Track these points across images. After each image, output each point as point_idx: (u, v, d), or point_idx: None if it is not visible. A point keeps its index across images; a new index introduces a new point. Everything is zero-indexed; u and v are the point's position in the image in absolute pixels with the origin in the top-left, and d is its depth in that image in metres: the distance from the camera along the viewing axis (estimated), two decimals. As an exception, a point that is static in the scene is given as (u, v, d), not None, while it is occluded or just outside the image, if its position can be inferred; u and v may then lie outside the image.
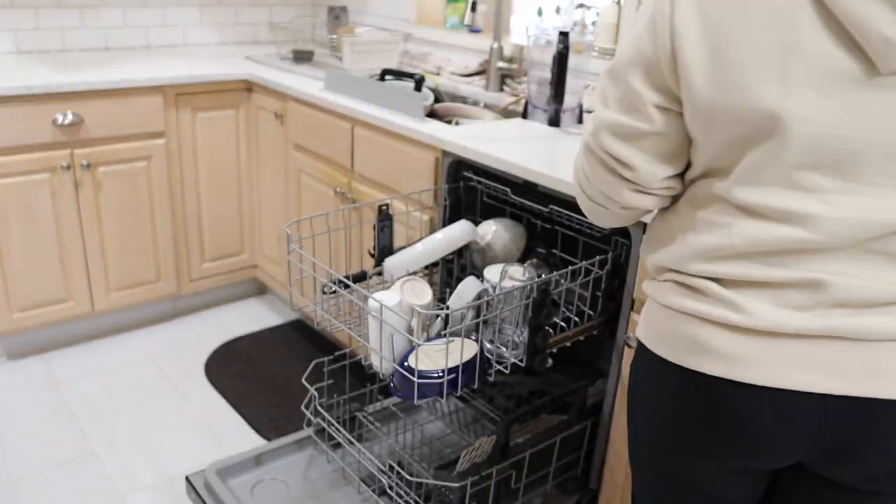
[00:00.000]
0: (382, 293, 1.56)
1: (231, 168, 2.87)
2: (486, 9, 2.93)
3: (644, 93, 0.95)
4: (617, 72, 0.98)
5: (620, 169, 1.01)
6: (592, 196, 1.08)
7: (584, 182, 1.08)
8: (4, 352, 2.66)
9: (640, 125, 0.97)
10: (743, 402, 0.95)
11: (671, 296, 1.01)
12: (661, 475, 1.13)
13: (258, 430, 2.34)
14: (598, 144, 1.01)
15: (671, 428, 1.05)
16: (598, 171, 1.04)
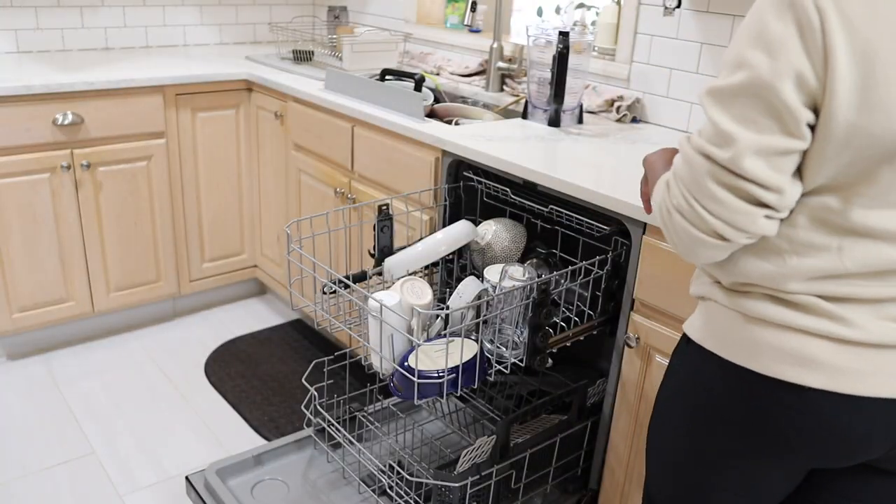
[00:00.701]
0: (382, 293, 1.56)
1: (231, 168, 2.87)
2: (486, 9, 2.93)
3: (798, 110, 0.88)
4: (762, 85, 0.89)
5: (764, 195, 0.92)
6: (707, 231, 0.96)
7: (697, 218, 0.96)
8: (4, 352, 2.66)
9: (796, 144, 0.90)
10: (840, 411, 0.97)
11: (765, 308, 0.99)
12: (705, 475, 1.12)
13: (258, 430, 2.34)
14: (740, 170, 0.91)
15: (743, 435, 1.04)
16: (728, 202, 0.93)
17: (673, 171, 1.00)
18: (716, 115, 0.93)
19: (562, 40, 2.05)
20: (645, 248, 1.54)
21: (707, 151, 0.93)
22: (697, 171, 0.95)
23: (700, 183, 0.94)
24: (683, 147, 0.98)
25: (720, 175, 0.93)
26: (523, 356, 1.55)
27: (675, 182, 0.99)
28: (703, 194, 0.94)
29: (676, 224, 0.99)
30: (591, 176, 1.68)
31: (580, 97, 2.17)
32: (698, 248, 0.99)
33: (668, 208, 1.00)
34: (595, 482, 1.80)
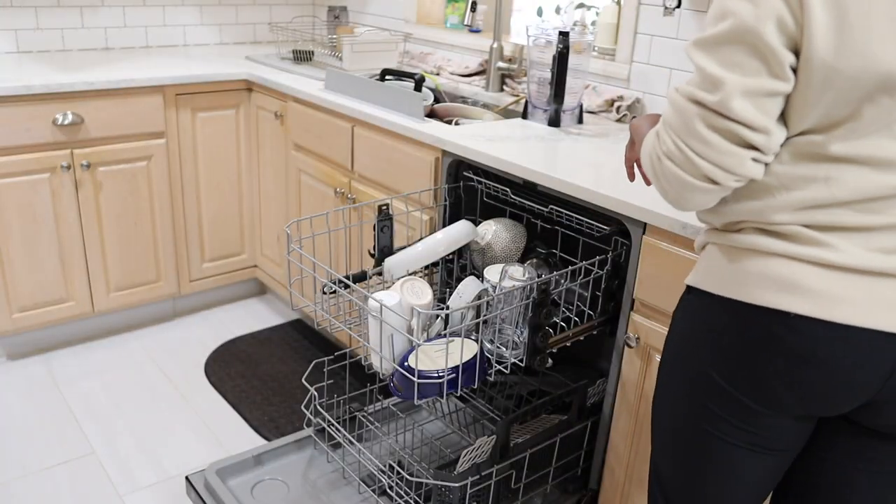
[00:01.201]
0: (382, 293, 1.56)
1: (231, 168, 2.88)
2: (486, 9, 2.93)
3: (781, 52, 0.92)
4: (746, 30, 0.92)
5: (752, 136, 0.95)
6: (697, 176, 0.99)
7: (686, 162, 0.99)
8: (4, 352, 2.66)
9: (781, 86, 0.94)
10: (826, 340, 0.97)
11: (753, 239, 1.01)
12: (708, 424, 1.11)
13: (258, 430, 2.34)
14: (728, 112, 0.94)
15: (737, 372, 1.05)
16: (717, 143, 0.96)
17: (662, 119, 1.03)
18: (703, 62, 0.96)
19: (562, 40, 2.05)
20: (645, 248, 1.54)
21: (696, 97, 0.97)
22: (687, 116, 0.98)
23: (690, 127, 0.97)
24: (672, 96, 1.01)
25: (709, 118, 0.96)
26: (523, 356, 1.55)
27: (664, 130, 1.02)
28: (693, 137, 0.97)
29: (667, 170, 1.01)
30: (591, 176, 1.68)
31: (580, 97, 2.17)
32: (689, 194, 1.01)
33: (657, 155, 1.03)
34: (595, 482, 1.80)
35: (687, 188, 1.01)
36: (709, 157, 0.97)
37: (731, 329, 1.04)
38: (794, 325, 0.98)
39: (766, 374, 1.02)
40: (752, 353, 1.02)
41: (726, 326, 1.05)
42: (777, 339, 0.99)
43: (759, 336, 1.01)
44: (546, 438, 1.72)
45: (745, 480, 1.13)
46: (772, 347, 1.00)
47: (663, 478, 1.23)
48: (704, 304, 1.08)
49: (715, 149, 0.96)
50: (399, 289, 1.60)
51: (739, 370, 1.04)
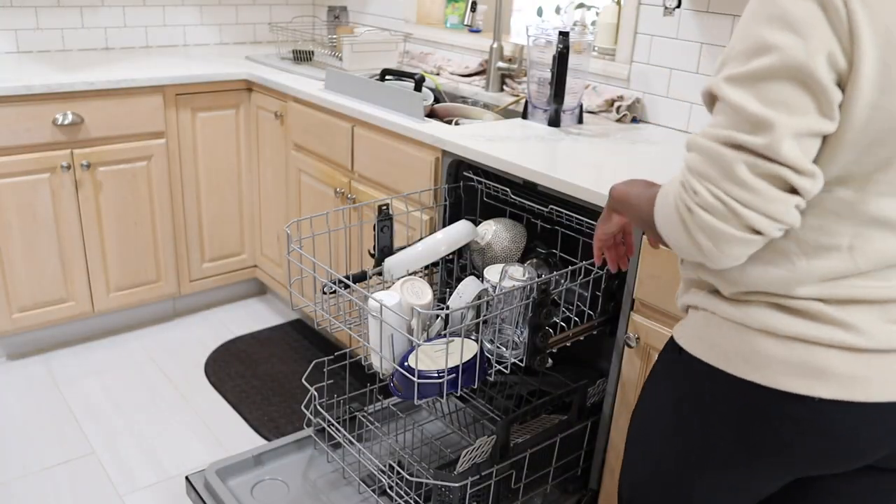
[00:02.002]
0: (382, 293, 1.56)
1: (231, 168, 2.87)
2: (486, 9, 2.93)
3: (832, 89, 0.85)
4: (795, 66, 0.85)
5: (799, 180, 0.87)
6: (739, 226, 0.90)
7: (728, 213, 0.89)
8: (4, 352, 2.66)
9: (830, 126, 0.87)
10: (851, 419, 0.96)
11: (769, 318, 0.96)
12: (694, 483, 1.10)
13: (258, 430, 2.34)
14: (776, 156, 0.86)
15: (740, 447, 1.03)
16: (765, 190, 0.88)
17: (689, 168, 0.92)
18: (742, 100, 0.88)
19: (562, 40, 2.05)
20: (645, 248, 1.54)
21: (736, 140, 0.88)
22: (725, 162, 0.88)
23: (730, 173, 0.88)
24: (699, 142, 0.92)
25: (755, 163, 0.87)
26: (523, 356, 1.55)
27: (695, 179, 0.91)
28: (736, 185, 0.88)
29: (704, 223, 0.91)
30: (591, 176, 1.68)
31: (580, 97, 2.17)
32: (727, 247, 0.91)
33: (688, 208, 0.92)
34: (595, 482, 1.80)
35: (725, 240, 0.91)
36: (754, 205, 0.88)
37: (737, 406, 1.01)
38: (816, 408, 0.96)
39: (778, 448, 1.00)
40: (767, 430, 1.00)
41: (731, 403, 1.01)
42: (796, 420, 0.97)
43: (774, 417, 0.99)
44: (546, 438, 1.72)
45: None
46: (789, 427, 0.98)
47: None
48: (707, 376, 1.03)
49: (762, 196, 0.87)
50: (399, 289, 1.60)
51: (743, 446, 1.02)
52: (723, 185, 0.89)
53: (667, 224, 0.96)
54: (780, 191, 0.88)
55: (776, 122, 0.86)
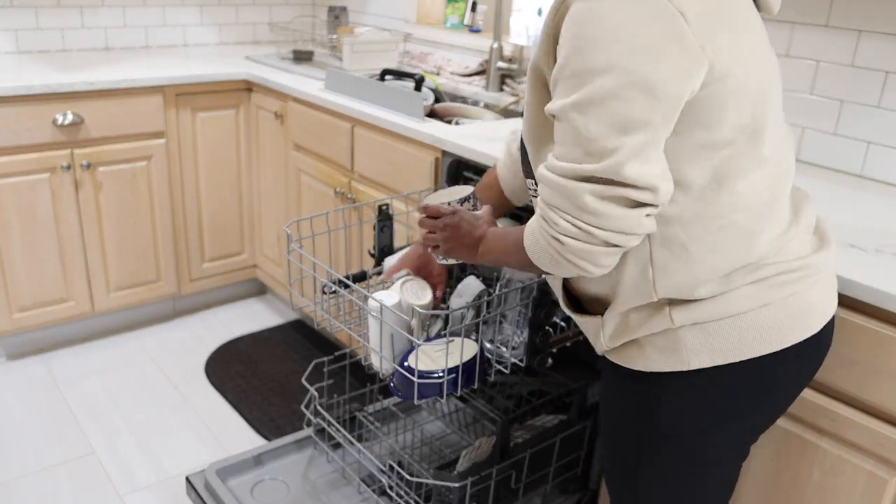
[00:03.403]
0: (382, 293, 1.56)
1: (231, 168, 2.87)
2: (486, 9, 2.93)
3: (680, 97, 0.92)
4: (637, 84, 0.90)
5: (641, 196, 0.94)
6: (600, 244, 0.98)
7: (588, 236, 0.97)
8: (4, 352, 2.66)
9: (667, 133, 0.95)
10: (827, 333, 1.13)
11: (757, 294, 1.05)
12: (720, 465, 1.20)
13: (258, 430, 2.34)
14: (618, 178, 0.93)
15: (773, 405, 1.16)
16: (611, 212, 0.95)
17: (545, 203, 1.00)
18: (585, 128, 0.93)
19: (562, 40, 2.05)
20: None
21: (580, 172, 0.94)
22: (575, 195, 0.95)
23: (579, 204, 0.95)
24: (547, 177, 0.98)
25: (599, 191, 0.94)
26: (523, 356, 1.55)
27: (552, 211, 0.99)
28: (587, 212, 0.96)
29: (572, 248, 0.99)
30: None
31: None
32: (598, 261, 1.00)
33: (555, 238, 1.00)
34: (595, 482, 1.80)
35: (595, 257, 0.99)
36: (606, 226, 0.96)
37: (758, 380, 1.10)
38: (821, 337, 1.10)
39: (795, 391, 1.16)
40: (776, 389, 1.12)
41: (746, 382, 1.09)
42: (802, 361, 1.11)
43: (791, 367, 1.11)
44: (546, 438, 1.72)
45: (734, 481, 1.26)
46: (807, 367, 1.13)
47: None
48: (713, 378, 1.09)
49: (610, 218, 0.95)
50: (399, 289, 1.60)
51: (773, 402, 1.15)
52: (575, 213, 0.97)
53: (542, 258, 1.04)
54: (627, 209, 0.95)
55: (617, 147, 0.91)
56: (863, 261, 1.28)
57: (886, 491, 1.25)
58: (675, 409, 1.12)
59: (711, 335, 1.06)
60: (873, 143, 1.76)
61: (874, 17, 1.69)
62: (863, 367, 1.23)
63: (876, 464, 1.26)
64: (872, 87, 1.74)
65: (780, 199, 1.05)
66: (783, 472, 1.38)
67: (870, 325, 1.21)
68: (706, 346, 1.06)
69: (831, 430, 1.29)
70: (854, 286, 1.21)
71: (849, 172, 1.82)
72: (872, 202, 1.63)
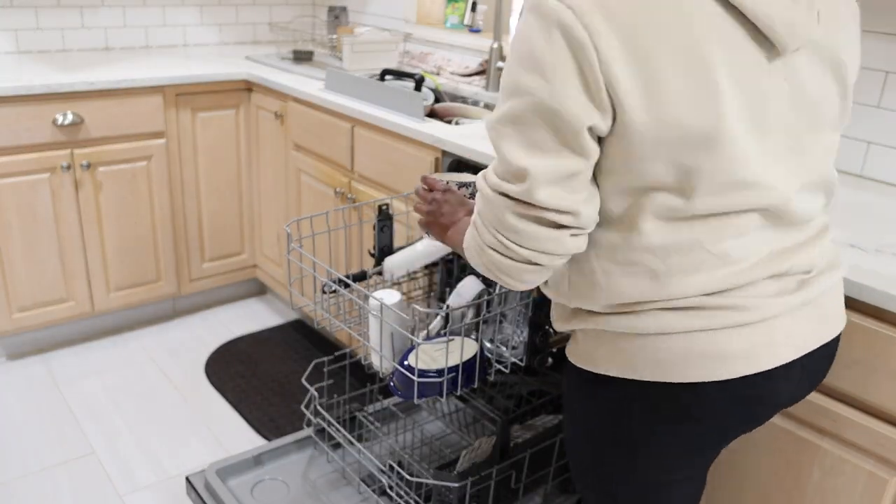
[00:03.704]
0: (383, 292, 1.56)
1: (231, 168, 2.88)
2: (486, 9, 2.93)
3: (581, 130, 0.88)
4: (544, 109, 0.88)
5: (562, 219, 0.93)
6: (522, 261, 0.98)
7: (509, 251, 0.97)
8: (4, 352, 2.66)
9: (583, 164, 0.91)
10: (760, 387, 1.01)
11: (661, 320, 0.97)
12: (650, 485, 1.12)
13: (258, 430, 2.34)
14: (535, 201, 0.92)
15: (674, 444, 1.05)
16: (533, 232, 0.94)
17: (477, 210, 1.01)
18: (504, 147, 0.93)
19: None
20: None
21: (502, 189, 0.94)
22: (497, 209, 0.96)
23: (501, 219, 0.96)
24: (481, 186, 0.99)
25: (518, 209, 0.94)
26: (523, 356, 1.55)
27: (480, 222, 1.00)
28: (508, 229, 0.96)
29: (494, 260, 1.00)
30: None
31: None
32: (517, 276, 1.00)
33: (479, 246, 1.01)
34: (595, 482, 1.79)
35: (515, 272, 0.99)
36: (528, 245, 0.96)
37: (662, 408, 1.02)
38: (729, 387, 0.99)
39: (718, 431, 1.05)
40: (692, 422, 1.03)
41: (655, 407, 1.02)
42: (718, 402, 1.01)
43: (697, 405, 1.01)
44: (546, 438, 1.72)
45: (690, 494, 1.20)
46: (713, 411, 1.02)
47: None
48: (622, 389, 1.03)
49: (531, 237, 0.95)
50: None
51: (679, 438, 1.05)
52: (499, 228, 0.97)
53: (472, 258, 1.06)
54: (550, 229, 0.94)
55: (530, 171, 0.90)
56: (863, 261, 1.28)
57: (886, 491, 1.26)
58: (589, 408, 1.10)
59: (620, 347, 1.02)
60: (873, 143, 1.77)
61: (874, 16, 1.70)
62: (863, 367, 1.23)
63: (876, 464, 1.26)
64: (872, 87, 1.74)
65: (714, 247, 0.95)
66: (783, 472, 1.38)
67: (870, 325, 1.21)
68: (615, 357, 1.03)
69: (832, 430, 1.29)
70: (854, 286, 1.21)
71: (849, 172, 1.82)
72: (872, 202, 1.63)
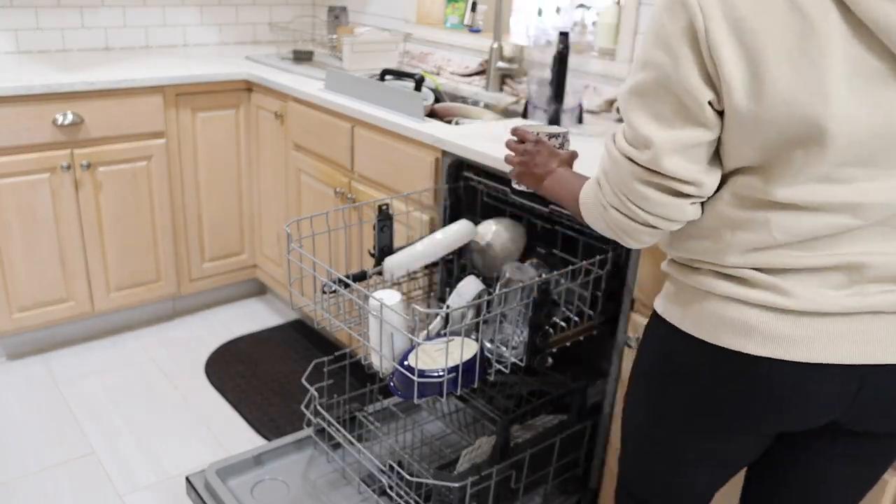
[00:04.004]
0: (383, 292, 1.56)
1: (231, 168, 2.88)
2: (486, 9, 2.93)
3: (703, 104, 0.93)
4: (669, 82, 0.94)
5: (685, 188, 0.98)
6: (642, 223, 1.04)
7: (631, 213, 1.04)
8: (4, 352, 2.66)
9: (707, 135, 0.96)
10: (785, 378, 1.00)
11: (711, 281, 1.04)
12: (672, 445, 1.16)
13: (258, 430, 2.34)
14: (660, 169, 0.97)
15: (702, 402, 1.08)
16: (655, 198, 1.00)
17: (603, 170, 1.07)
18: (631, 116, 1.00)
19: (562, 40, 2.05)
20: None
21: (629, 154, 1.00)
22: (623, 173, 1.02)
23: (627, 184, 1.02)
24: (609, 147, 1.05)
25: (644, 175, 1.00)
26: (523, 356, 1.55)
27: (605, 182, 1.07)
28: (633, 193, 1.02)
29: (614, 219, 1.07)
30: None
31: (580, 97, 2.17)
32: (638, 236, 1.07)
33: (603, 205, 1.08)
34: (595, 482, 1.80)
35: (634, 232, 1.06)
36: (649, 209, 1.02)
37: (696, 364, 1.07)
38: (756, 364, 1.01)
39: (732, 407, 1.06)
40: (718, 388, 1.06)
41: (691, 360, 1.08)
42: (741, 377, 1.03)
43: (724, 373, 1.04)
44: (546, 438, 1.72)
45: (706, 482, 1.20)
46: (736, 384, 1.04)
47: (626, 479, 1.29)
48: (670, 334, 1.11)
49: (653, 202, 1.01)
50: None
51: (705, 402, 1.08)
52: (623, 190, 1.03)
53: (590, 215, 1.14)
54: (671, 196, 1.00)
55: (655, 140, 0.97)
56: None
57: (886, 491, 1.26)
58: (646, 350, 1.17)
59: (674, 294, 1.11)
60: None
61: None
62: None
63: (876, 463, 1.25)
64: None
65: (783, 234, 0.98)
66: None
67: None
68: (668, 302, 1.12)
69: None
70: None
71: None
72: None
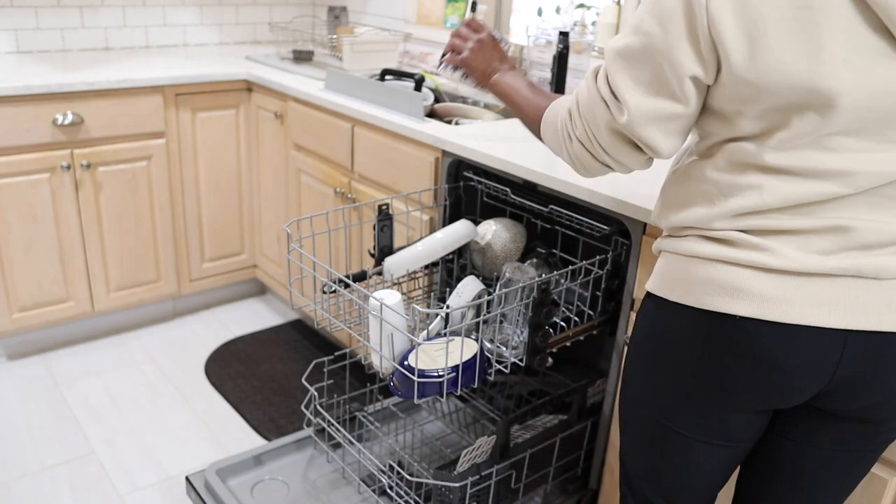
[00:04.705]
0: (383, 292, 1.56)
1: (231, 168, 2.88)
2: (486, 9, 2.93)
3: (684, 78, 0.97)
4: (656, 51, 0.98)
5: (650, 153, 1.07)
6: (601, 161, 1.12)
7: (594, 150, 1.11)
8: (4, 352, 2.66)
9: (682, 109, 1.00)
10: (772, 339, 0.99)
11: (696, 245, 1.05)
12: (668, 422, 1.15)
13: (258, 430, 2.34)
14: (633, 134, 1.04)
15: (693, 372, 1.08)
16: (621, 149, 1.08)
17: (578, 102, 1.11)
18: (615, 75, 1.03)
19: (562, 40, 2.05)
20: (645, 247, 1.54)
21: (607, 101, 1.05)
22: (599, 117, 1.07)
23: (600, 127, 1.08)
24: (590, 86, 1.09)
25: (615, 126, 1.06)
26: (523, 356, 1.55)
27: (578, 116, 1.12)
28: (602, 138, 1.09)
29: (576, 150, 1.14)
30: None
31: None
32: (592, 170, 1.16)
33: (569, 135, 1.14)
34: (595, 482, 1.80)
35: (591, 167, 1.15)
36: (611, 153, 1.09)
37: (684, 332, 1.07)
38: (742, 327, 1.00)
39: (720, 374, 1.05)
40: (706, 355, 1.05)
41: (679, 330, 1.08)
42: (727, 341, 1.02)
43: (711, 338, 1.04)
44: (546, 438, 1.72)
45: (703, 469, 1.18)
46: (723, 349, 1.03)
47: (629, 469, 1.29)
48: (658, 307, 1.12)
49: (618, 151, 1.08)
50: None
51: (695, 371, 1.07)
52: (594, 131, 1.09)
53: (551, 138, 1.21)
54: (636, 152, 1.08)
55: (631, 106, 1.01)
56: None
57: (886, 491, 1.26)
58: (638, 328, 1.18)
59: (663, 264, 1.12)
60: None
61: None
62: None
63: (876, 464, 1.26)
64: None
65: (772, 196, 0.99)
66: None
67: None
68: (656, 274, 1.14)
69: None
70: None
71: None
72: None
